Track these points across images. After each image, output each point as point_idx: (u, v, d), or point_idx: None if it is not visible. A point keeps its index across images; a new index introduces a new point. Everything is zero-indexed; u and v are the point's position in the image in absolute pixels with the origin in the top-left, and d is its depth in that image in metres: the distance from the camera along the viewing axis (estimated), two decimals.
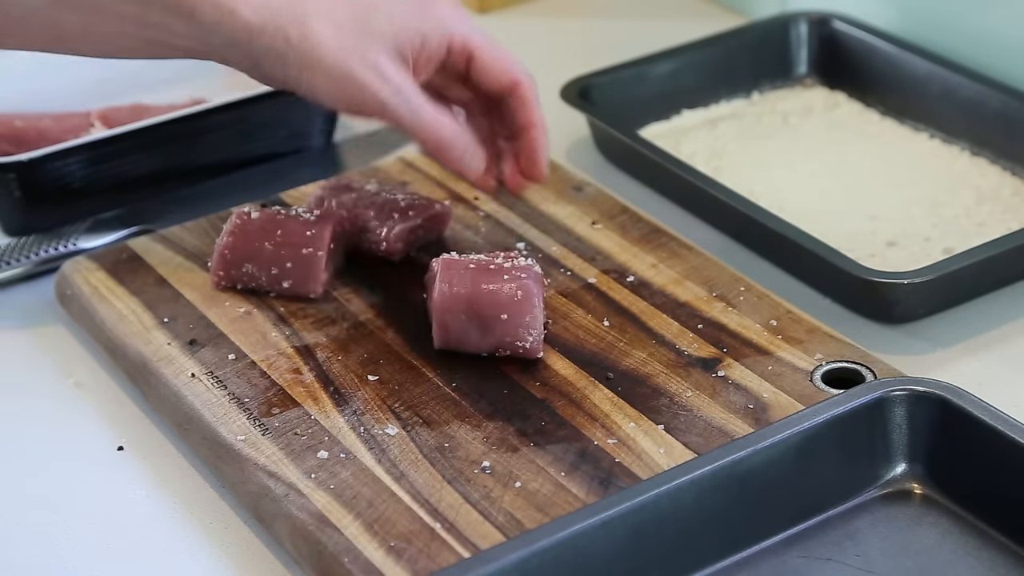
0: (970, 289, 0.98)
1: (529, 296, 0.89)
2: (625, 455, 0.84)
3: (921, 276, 0.94)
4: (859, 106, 1.19)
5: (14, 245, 1.05)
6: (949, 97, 1.14)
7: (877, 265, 0.98)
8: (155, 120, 1.09)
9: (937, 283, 0.94)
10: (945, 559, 0.79)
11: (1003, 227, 1.03)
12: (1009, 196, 1.07)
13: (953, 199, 1.07)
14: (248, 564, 0.82)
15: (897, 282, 0.94)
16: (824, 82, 1.22)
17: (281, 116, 1.14)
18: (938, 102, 1.15)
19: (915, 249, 1.02)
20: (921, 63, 1.16)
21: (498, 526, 0.79)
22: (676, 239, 1.01)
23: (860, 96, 1.20)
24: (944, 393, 0.82)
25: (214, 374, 0.91)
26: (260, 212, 0.97)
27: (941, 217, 1.05)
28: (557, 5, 1.41)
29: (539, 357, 0.91)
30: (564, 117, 1.13)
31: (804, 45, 1.22)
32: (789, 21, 1.23)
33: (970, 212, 1.06)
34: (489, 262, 0.91)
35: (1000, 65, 1.15)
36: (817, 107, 1.19)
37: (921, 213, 1.06)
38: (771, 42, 1.22)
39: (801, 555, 0.80)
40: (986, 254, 0.96)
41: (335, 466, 0.83)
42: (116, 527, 0.85)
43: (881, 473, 0.83)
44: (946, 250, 1.01)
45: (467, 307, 0.89)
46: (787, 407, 0.86)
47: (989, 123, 1.12)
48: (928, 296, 0.96)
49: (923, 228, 1.04)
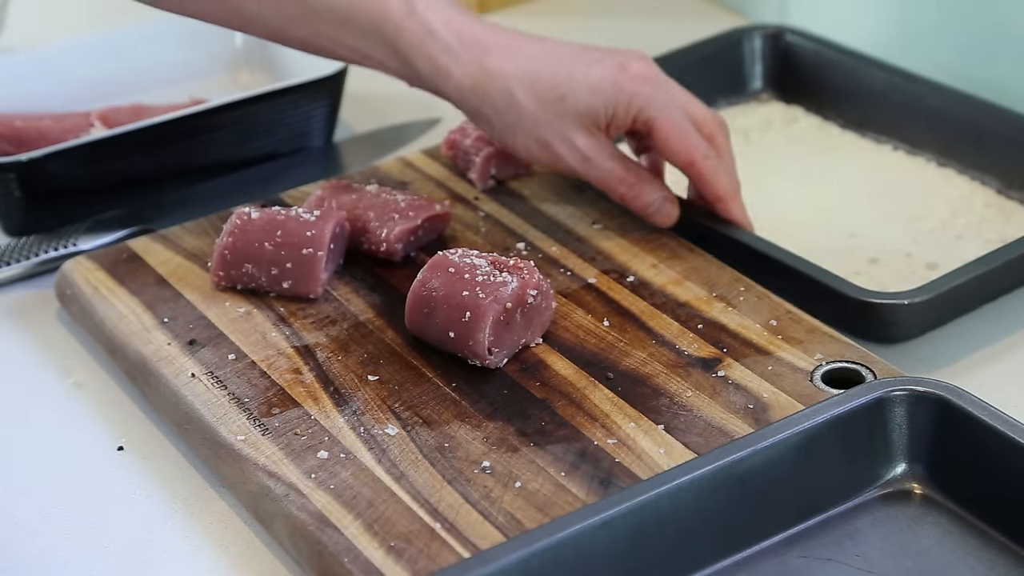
0: (963, 306, 0.97)
1: (479, 318, 0.88)
2: (625, 455, 0.84)
3: (919, 296, 0.93)
4: (817, 120, 1.18)
5: (14, 245, 1.05)
6: (911, 108, 1.13)
7: (863, 283, 0.97)
8: (155, 120, 1.09)
9: (934, 302, 0.93)
10: (945, 559, 0.79)
11: (981, 239, 1.02)
12: (983, 207, 1.07)
13: (928, 212, 1.06)
14: (248, 564, 0.82)
15: (897, 303, 0.92)
16: (780, 97, 1.21)
17: (281, 116, 1.14)
18: (900, 113, 1.14)
19: (899, 265, 1.01)
20: (880, 74, 1.15)
21: (498, 526, 0.79)
22: (676, 239, 1.01)
23: (817, 110, 1.19)
24: (944, 393, 0.82)
25: (214, 374, 0.91)
26: (260, 212, 0.97)
27: (919, 231, 1.04)
28: (557, 5, 1.41)
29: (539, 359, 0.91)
30: None
31: (758, 60, 1.21)
32: (743, 36, 1.21)
33: (947, 225, 1.05)
34: (476, 269, 0.91)
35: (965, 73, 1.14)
36: (776, 122, 1.18)
37: (899, 228, 1.05)
38: (725, 57, 1.21)
39: (801, 555, 0.80)
40: (980, 270, 0.95)
41: (335, 466, 0.83)
42: (116, 527, 0.85)
43: (881, 473, 0.83)
44: (929, 265, 1.00)
45: (429, 308, 0.90)
46: (787, 407, 0.86)
47: (954, 133, 1.11)
48: (924, 315, 0.94)
49: (903, 243, 1.03)
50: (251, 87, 1.19)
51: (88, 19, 1.42)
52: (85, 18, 1.42)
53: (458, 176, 1.09)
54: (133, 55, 1.22)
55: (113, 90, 1.19)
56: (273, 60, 1.23)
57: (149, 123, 1.08)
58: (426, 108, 1.21)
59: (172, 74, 1.22)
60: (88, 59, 1.20)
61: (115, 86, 1.19)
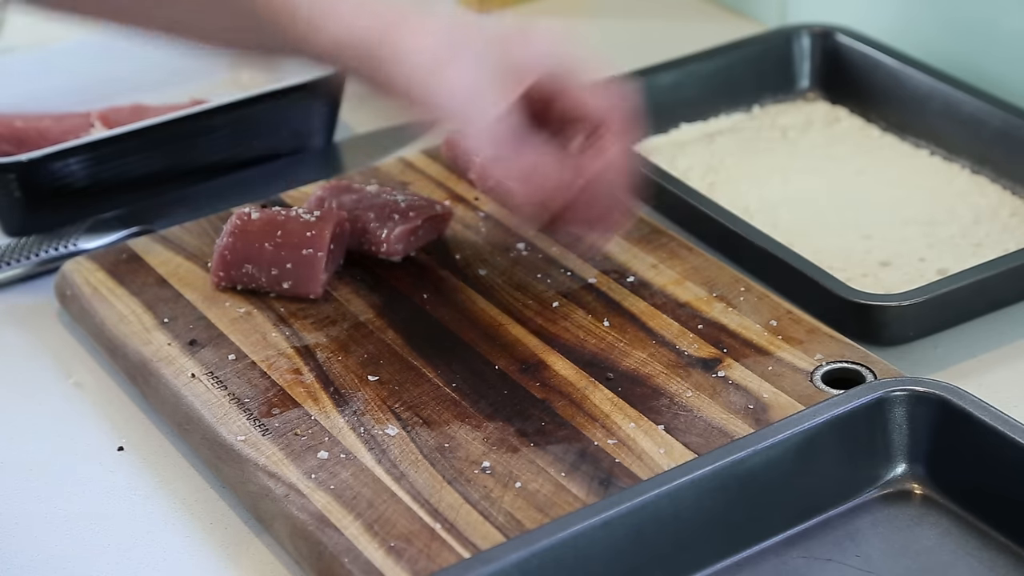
0: (963, 312, 0.96)
1: None
2: (625, 455, 0.84)
3: (910, 299, 0.92)
4: (860, 121, 1.18)
5: (14, 245, 1.05)
6: (951, 114, 1.12)
7: (869, 285, 0.96)
8: (155, 120, 1.09)
9: (926, 305, 0.92)
10: (945, 559, 0.79)
11: (1000, 248, 1.01)
12: (1008, 216, 1.06)
13: (950, 218, 1.06)
14: (248, 564, 0.82)
15: (885, 304, 0.92)
16: (826, 96, 1.20)
17: (281, 116, 1.14)
18: (939, 119, 1.13)
19: (908, 269, 1.00)
20: (923, 79, 1.14)
21: (498, 526, 0.79)
22: (676, 239, 1.01)
23: (862, 111, 1.18)
24: (944, 393, 0.82)
25: (214, 374, 0.91)
26: (260, 212, 0.97)
27: (937, 237, 1.04)
28: (557, 5, 1.41)
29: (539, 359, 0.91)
30: None
31: (807, 59, 1.21)
32: (792, 34, 1.21)
33: (967, 232, 1.04)
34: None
35: (1003, 82, 1.14)
36: (817, 121, 1.18)
37: (917, 232, 1.04)
38: (773, 55, 1.21)
39: (801, 555, 0.80)
40: (978, 276, 0.94)
41: (335, 466, 0.83)
42: (116, 527, 0.85)
43: (881, 473, 0.83)
44: (940, 271, 0.99)
45: None
46: (787, 407, 0.86)
47: (991, 141, 1.10)
48: (918, 319, 0.94)
49: (918, 248, 1.02)
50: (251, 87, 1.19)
51: None
52: None
53: (458, 176, 1.09)
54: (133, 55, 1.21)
55: (113, 90, 1.19)
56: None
57: (149, 123, 1.08)
58: None
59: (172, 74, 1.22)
60: (88, 59, 1.20)
61: (115, 86, 1.19)
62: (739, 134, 1.16)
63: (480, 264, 1.00)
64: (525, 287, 0.97)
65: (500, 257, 1.00)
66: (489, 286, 0.98)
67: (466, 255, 1.01)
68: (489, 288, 0.98)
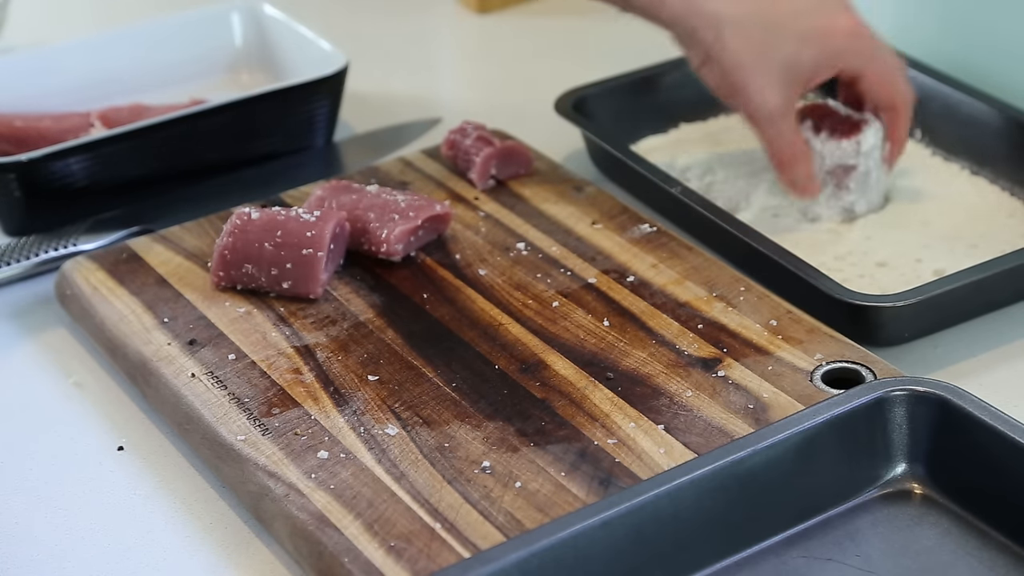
0: (959, 313, 0.96)
1: None
2: (625, 455, 0.84)
3: (905, 299, 0.92)
4: None
5: (14, 245, 1.05)
6: (950, 114, 1.12)
7: (866, 286, 0.96)
8: (155, 120, 1.09)
9: (922, 306, 0.92)
10: (945, 559, 0.79)
11: (996, 249, 1.00)
12: (1006, 218, 1.06)
13: (947, 219, 1.06)
14: (248, 564, 0.82)
15: (881, 305, 0.92)
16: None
17: (281, 116, 1.14)
18: (939, 119, 1.13)
19: (905, 270, 1.00)
20: (923, 79, 1.14)
21: (498, 526, 0.79)
22: (676, 239, 1.01)
23: None
24: (944, 393, 0.82)
25: (214, 374, 0.91)
26: (260, 212, 0.97)
27: (933, 237, 1.03)
28: (557, 5, 1.40)
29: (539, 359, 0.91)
30: (561, 127, 1.13)
31: None
32: None
33: (963, 233, 1.04)
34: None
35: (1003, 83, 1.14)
36: None
37: (914, 233, 1.04)
38: None
39: (801, 555, 0.80)
40: (973, 277, 0.94)
41: (335, 466, 0.83)
42: (116, 527, 0.85)
43: (881, 473, 0.83)
44: (936, 272, 0.99)
45: None
46: (787, 407, 0.86)
47: (989, 142, 1.10)
48: (913, 320, 0.94)
49: (914, 249, 1.02)
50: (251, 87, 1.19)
51: (89, 19, 1.42)
52: (86, 18, 1.42)
53: (458, 176, 1.09)
54: (133, 55, 1.22)
55: (113, 90, 1.19)
56: (273, 60, 1.23)
57: (149, 123, 1.08)
58: (426, 108, 1.21)
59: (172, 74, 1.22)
60: (88, 59, 1.20)
61: (115, 86, 1.19)
62: (738, 134, 1.16)
63: (480, 264, 1.00)
64: (525, 287, 0.98)
65: (500, 257, 1.00)
66: (489, 286, 0.98)
67: (466, 255, 1.01)
68: (489, 288, 0.98)
